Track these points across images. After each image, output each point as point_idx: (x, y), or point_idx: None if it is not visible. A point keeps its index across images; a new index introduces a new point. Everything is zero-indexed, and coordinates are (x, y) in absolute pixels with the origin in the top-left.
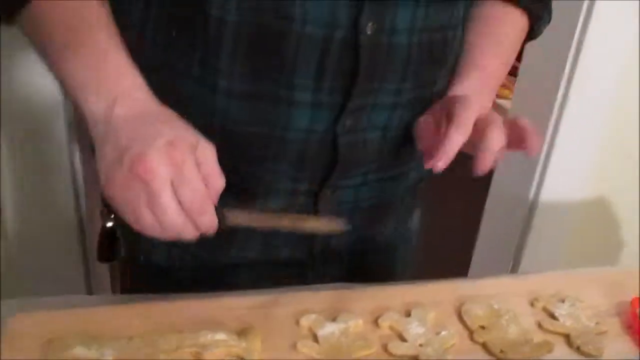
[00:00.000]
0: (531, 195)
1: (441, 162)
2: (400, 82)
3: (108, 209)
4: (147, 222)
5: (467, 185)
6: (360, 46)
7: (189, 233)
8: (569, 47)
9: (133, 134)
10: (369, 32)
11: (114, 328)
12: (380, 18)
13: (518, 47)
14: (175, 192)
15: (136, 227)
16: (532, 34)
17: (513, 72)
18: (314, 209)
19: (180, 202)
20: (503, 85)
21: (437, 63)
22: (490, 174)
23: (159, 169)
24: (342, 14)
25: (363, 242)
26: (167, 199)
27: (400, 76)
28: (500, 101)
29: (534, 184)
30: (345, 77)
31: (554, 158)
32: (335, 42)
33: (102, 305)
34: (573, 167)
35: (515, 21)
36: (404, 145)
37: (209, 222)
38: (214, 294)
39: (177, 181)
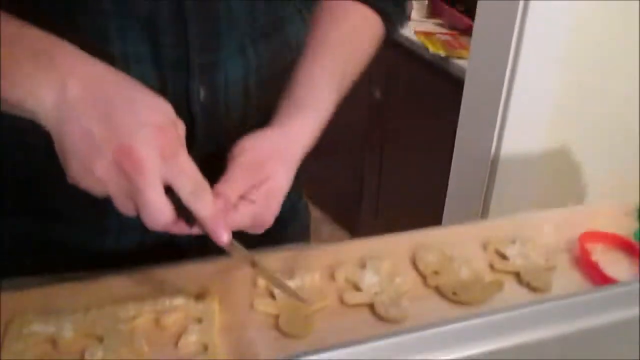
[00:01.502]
0: (492, 150)
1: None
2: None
3: None
4: (129, 212)
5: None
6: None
7: (180, 229)
8: None
9: (105, 118)
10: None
11: (73, 303)
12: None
13: (370, 54)
14: (171, 184)
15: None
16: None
17: (468, 31)
18: None
19: (178, 193)
20: (461, 46)
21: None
22: (453, 134)
23: (148, 162)
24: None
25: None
26: (153, 196)
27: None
28: (459, 62)
29: (494, 138)
30: None
31: (511, 112)
32: None
33: (62, 283)
34: (531, 119)
35: (369, 26)
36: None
37: (209, 209)
38: (172, 264)
39: (172, 173)
